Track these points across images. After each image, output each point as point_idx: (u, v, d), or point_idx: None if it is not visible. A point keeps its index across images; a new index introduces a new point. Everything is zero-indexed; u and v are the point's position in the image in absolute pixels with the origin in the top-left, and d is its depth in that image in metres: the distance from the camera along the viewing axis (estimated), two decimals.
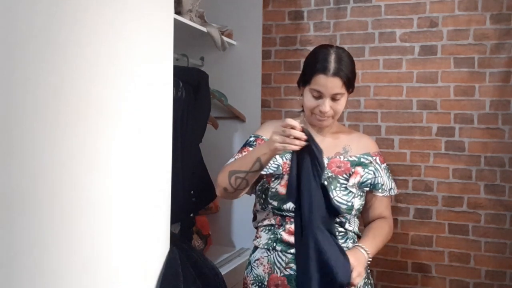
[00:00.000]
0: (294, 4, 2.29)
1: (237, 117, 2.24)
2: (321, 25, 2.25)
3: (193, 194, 1.78)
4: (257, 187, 1.48)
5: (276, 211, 1.42)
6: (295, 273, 1.33)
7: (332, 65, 1.35)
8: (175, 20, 1.42)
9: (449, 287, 2.08)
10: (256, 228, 1.52)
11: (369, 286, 1.45)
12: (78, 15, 0.95)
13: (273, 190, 1.41)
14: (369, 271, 1.47)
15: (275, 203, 1.41)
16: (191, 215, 1.80)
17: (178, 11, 1.82)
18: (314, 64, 1.39)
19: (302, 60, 2.26)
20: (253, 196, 2.23)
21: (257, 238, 1.48)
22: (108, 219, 1.05)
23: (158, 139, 1.24)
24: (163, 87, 1.26)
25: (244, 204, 2.26)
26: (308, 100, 1.39)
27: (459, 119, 2.06)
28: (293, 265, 1.36)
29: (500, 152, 2.01)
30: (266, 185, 1.44)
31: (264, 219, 1.47)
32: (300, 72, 1.44)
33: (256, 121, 2.26)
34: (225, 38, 2.09)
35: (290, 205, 1.37)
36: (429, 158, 2.10)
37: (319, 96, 1.37)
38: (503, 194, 2.01)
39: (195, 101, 1.79)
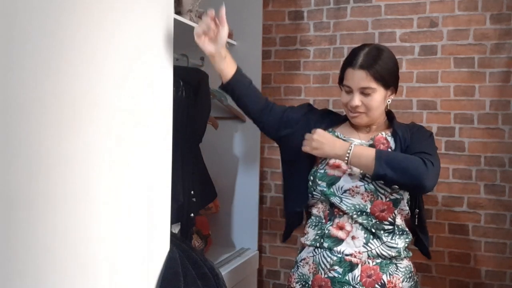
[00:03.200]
0: (294, 4, 2.29)
1: (237, 117, 2.24)
2: (321, 25, 2.25)
3: (193, 194, 1.78)
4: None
5: (324, 193, 1.39)
6: (339, 275, 1.34)
7: (360, 58, 1.34)
8: (175, 20, 1.42)
9: (449, 287, 2.08)
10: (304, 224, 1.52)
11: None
12: (78, 15, 0.95)
13: (322, 171, 1.40)
14: (417, 279, 1.45)
15: (323, 184, 1.39)
16: (191, 215, 1.80)
17: (178, 11, 1.82)
18: (347, 59, 1.40)
19: (302, 60, 2.30)
20: (255, 195, 2.25)
21: (305, 234, 1.47)
22: (108, 219, 1.05)
23: (158, 139, 1.24)
24: (163, 87, 1.26)
25: (245, 204, 2.27)
26: (342, 96, 1.41)
27: (459, 119, 2.06)
28: (337, 268, 1.35)
29: (500, 152, 2.01)
30: (315, 168, 1.43)
31: (313, 207, 1.46)
32: (300, 72, 1.45)
33: None
34: None
35: (339, 186, 1.37)
36: None
37: (350, 91, 1.37)
38: (503, 194, 2.01)
39: (195, 101, 1.79)
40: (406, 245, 1.39)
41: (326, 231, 1.39)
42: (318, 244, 1.40)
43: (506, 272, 2.00)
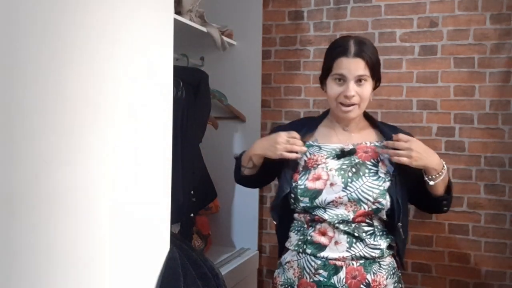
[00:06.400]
0: (294, 4, 2.29)
1: (237, 117, 2.24)
2: (321, 25, 2.25)
3: (193, 194, 1.78)
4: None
5: (307, 208, 1.37)
6: (324, 279, 1.33)
7: (352, 47, 1.33)
8: (175, 20, 1.42)
9: (449, 287, 2.08)
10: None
11: None
12: (77, 15, 0.95)
13: (302, 187, 1.36)
14: (400, 274, 1.44)
15: (306, 200, 1.35)
16: (191, 215, 1.80)
17: (178, 11, 1.82)
18: (335, 49, 1.37)
19: (302, 60, 2.30)
20: (255, 195, 2.25)
21: (288, 238, 1.45)
22: (108, 219, 1.05)
23: (158, 139, 1.24)
24: (163, 87, 1.26)
25: (245, 204, 2.27)
26: (332, 88, 1.36)
27: (459, 119, 2.06)
28: (322, 271, 1.34)
29: (500, 152, 2.01)
30: (294, 184, 1.38)
31: (294, 218, 1.43)
32: (300, 72, 1.44)
33: (256, 121, 2.26)
34: (225, 38, 2.09)
35: (322, 199, 1.34)
36: None
37: (342, 81, 1.34)
38: (503, 194, 2.01)
39: (195, 101, 1.79)
40: (388, 244, 1.38)
41: (309, 237, 1.37)
42: (301, 250, 1.39)
43: (506, 272, 2.00)
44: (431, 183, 1.32)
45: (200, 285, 1.28)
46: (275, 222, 1.49)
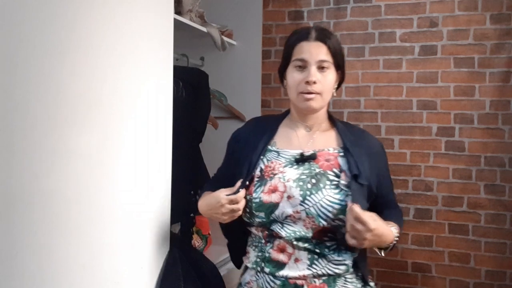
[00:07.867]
0: (294, 4, 2.29)
1: (237, 117, 2.24)
2: (321, 25, 2.25)
3: (193, 194, 1.78)
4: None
5: (264, 224, 1.22)
6: None
7: (314, 33, 1.23)
8: (175, 20, 1.42)
9: (449, 287, 2.08)
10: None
11: None
12: (78, 15, 0.95)
13: (257, 200, 1.20)
14: (373, 285, 1.30)
15: (262, 214, 1.20)
16: (191, 215, 1.80)
17: (178, 11, 1.82)
18: (294, 36, 1.28)
19: None
20: None
21: (246, 253, 1.31)
22: (108, 219, 1.05)
23: (158, 139, 1.24)
24: (163, 87, 1.26)
25: None
26: (293, 76, 1.25)
27: (459, 119, 2.06)
28: None
29: (500, 152, 2.01)
30: (249, 197, 1.22)
31: (251, 232, 1.29)
32: None
33: None
34: (225, 38, 2.09)
35: (279, 213, 1.19)
36: (429, 158, 2.10)
37: (303, 66, 1.23)
38: (503, 194, 2.01)
39: (195, 101, 1.79)
40: (355, 258, 1.23)
41: (267, 255, 1.22)
42: (259, 268, 1.24)
43: (506, 272, 2.00)
44: (381, 253, 1.21)
45: (200, 285, 1.28)
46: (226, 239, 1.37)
